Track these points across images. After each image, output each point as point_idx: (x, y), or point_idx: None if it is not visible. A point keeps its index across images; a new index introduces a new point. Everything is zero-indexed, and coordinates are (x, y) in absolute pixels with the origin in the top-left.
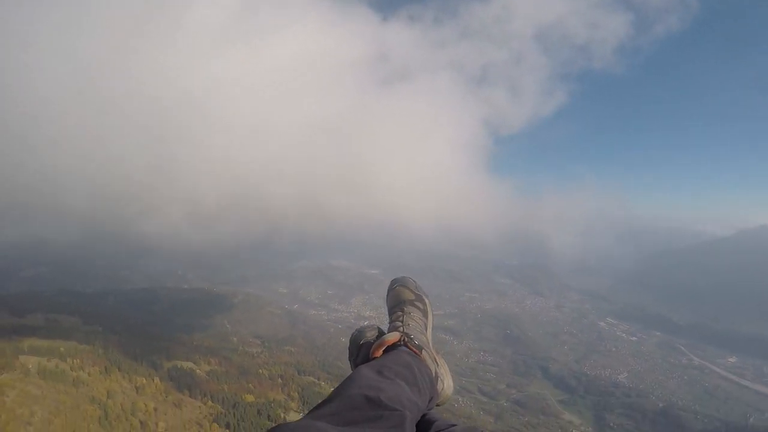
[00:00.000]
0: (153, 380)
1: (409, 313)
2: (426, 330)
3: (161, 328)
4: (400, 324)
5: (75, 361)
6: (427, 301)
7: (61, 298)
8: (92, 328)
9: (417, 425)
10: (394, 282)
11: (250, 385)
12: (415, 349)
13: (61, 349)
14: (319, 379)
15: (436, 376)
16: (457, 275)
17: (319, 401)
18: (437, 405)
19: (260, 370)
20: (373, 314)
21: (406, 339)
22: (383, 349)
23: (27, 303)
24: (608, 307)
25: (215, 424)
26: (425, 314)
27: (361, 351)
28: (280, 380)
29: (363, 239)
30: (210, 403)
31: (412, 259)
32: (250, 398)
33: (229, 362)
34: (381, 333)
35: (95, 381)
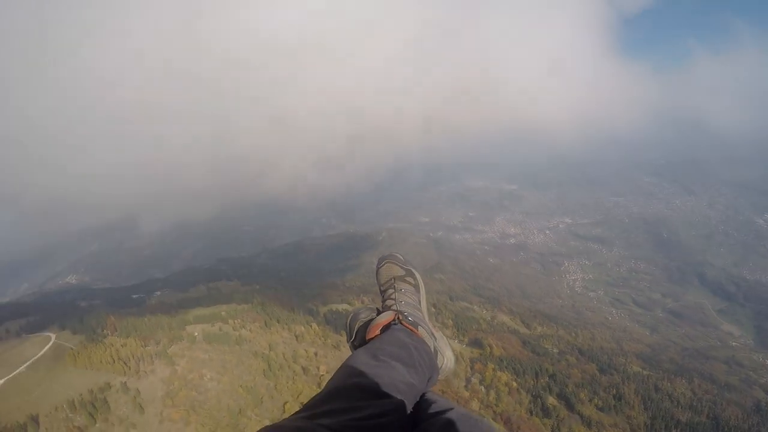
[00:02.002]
0: (311, 326)
1: (401, 290)
2: (420, 305)
3: (313, 277)
4: (392, 302)
5: (236, 321)
6: (417, 274)
7: (219, 266)
8: (250, 288)
9: (416, 405)
10: (381, 259)
11: None
12: (410, 327)
13: (223, 312)
14: (471, 303)
15: (435, 351)
16: (600, 180)
17: (316, 394)
18: (441, 377)
19: None
20: (517, 230)
21: (400, 317)
22: (379, 330)
23: (189, 277)
24: (766, 201)
25: None
26: (417, 288)
27: (358, 333)
28: (433, 309)
29: (497, 153)
30: None
31: (549, 168)
32: None
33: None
34: (378, 313)
35: (257, 336)
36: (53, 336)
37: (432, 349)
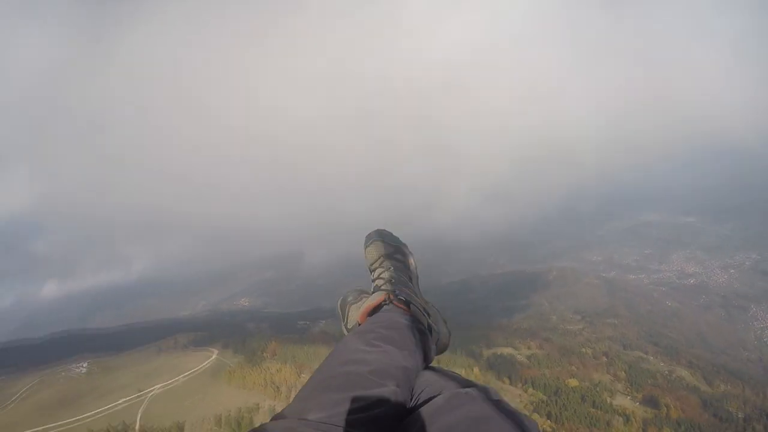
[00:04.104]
0: (472, 370)
1: (389, 268)
2: (411, 281)
3: (479, 316)
4: (382, 281)
5: None
6: (406, 250)
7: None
8: None
9: (411, 389)
10: (368, 238)
11: (573, 367)
12: (402, 306)
13: None
14: (647, 353)
15: (429, 328)
16: None
17: (306, 384)
18: (437, 354)
19: (583, 349)
20: (697, 269)
21: (391, 297)
22: (370, 311)
23: None
24: None
25: (536, 414)
26: (407, 265)
27: (349, 316)
28: (604, 359)
29: (675, 179)
30: (531, 390)
31: (732, 194)
32: (573, 382)
33: (550, 344)
34: (368, 294)
35: None
36: (215, 353)
37: (426, 327)
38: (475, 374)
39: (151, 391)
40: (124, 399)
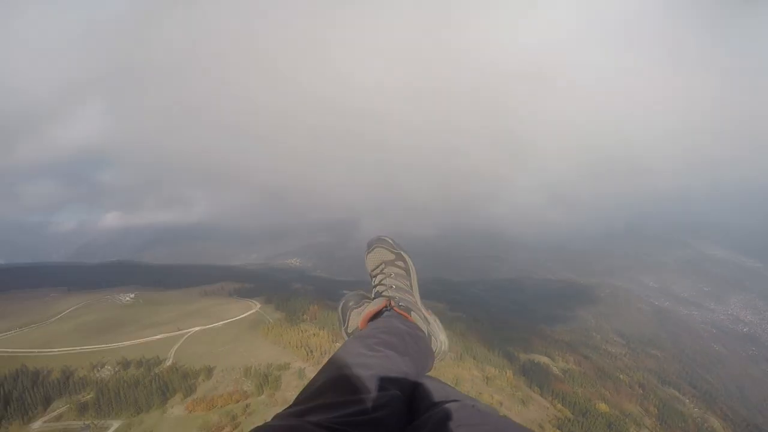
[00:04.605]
0: (505, 372)
1: (391, 275)
2: (412, 289)
3: (523, 318)
4: (383, 288)
5: None
6: (407, 257)
7: (432, 285)
8: (456, 315)
9: (411, 395)
10: (370, 244)
11: (606, 391)
12: (403, 312)
13: None
14: (683, 394)
15: (429, 336)
16: None
17: (306, 387)
18: (437, 362)
19: (620, 375)
20: (753, 318)
21: (392, 303)
22: (371, 317)
23: None
24: None
25: (558, 431)
26: (408, 272)
27: (350, 320)
28: (639, 390)
29: (753, 217)
30: (559, 405)
31: None
32: (603, 407)
33: (588, 362)
34: (369, 299)
35: (446, 366)
36: (258, 306)
37: (426, 334)
38: (507, 378)
39: (189, 331)
40: (162, 334)
